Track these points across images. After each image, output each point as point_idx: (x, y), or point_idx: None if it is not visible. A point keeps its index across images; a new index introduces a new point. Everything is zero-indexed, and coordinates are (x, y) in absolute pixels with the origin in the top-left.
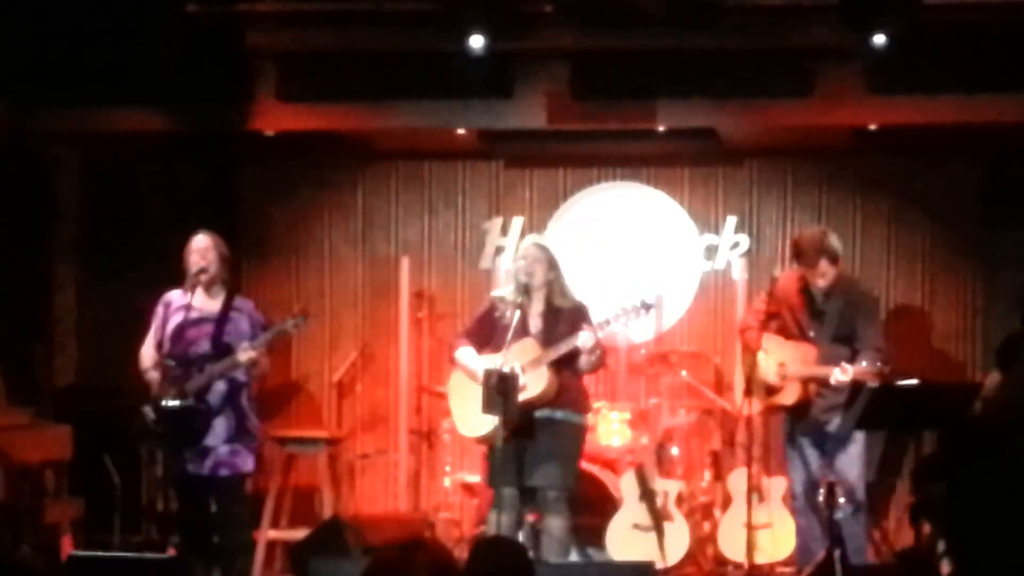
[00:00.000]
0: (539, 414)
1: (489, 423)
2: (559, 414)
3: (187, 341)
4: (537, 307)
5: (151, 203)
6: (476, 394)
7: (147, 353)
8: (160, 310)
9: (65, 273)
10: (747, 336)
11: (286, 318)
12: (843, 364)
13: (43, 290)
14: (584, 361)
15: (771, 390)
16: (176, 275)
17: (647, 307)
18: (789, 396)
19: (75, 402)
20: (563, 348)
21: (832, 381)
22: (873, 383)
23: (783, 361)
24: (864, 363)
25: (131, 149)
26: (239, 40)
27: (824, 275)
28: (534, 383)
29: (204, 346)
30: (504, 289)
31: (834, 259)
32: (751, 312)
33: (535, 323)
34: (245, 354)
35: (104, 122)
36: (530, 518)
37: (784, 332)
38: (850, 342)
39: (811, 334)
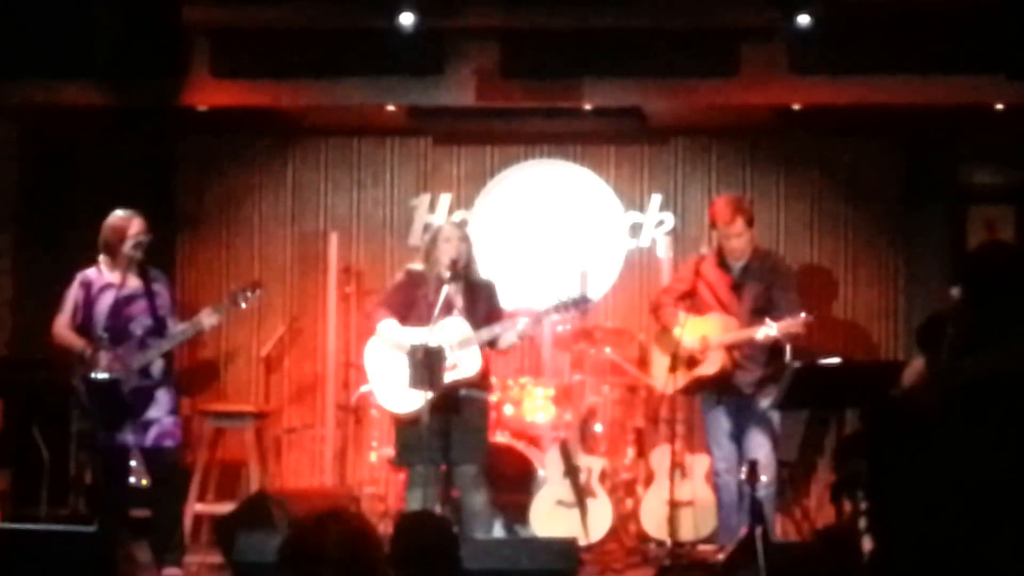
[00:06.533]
0: (464, 393)
1: (417, 399)
2: (474, 392)
3: (126, 318)
4: (457, 284)
5: (86, 176)
6: (398, 367)
7: (65, 333)
8: (79, 291)
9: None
10: (663, 313)
11: (236, 292)
12: (767, 320)
13: None
14: (505, 341)
15: (692, 362)
16: None
17: (585, 303)
18: (711, 366)
19: (5, 374)
20: (497, 331)
21: (759, 336)
22: (793, 337)
23: (704, 333)
24: (788, 318)
25: (67, 122)
26: (174, 15)
27: (740, 235)
28: (468, 363)
29: (145, 321)
30: (419, 264)
31: (749, 221)
32: (664, 291)
33: (458, 301)
34: (211, 319)
35: (40, 95)
36: (445, 495)
37: (701, 310)
38: (768, 312)
39: (730, 308)
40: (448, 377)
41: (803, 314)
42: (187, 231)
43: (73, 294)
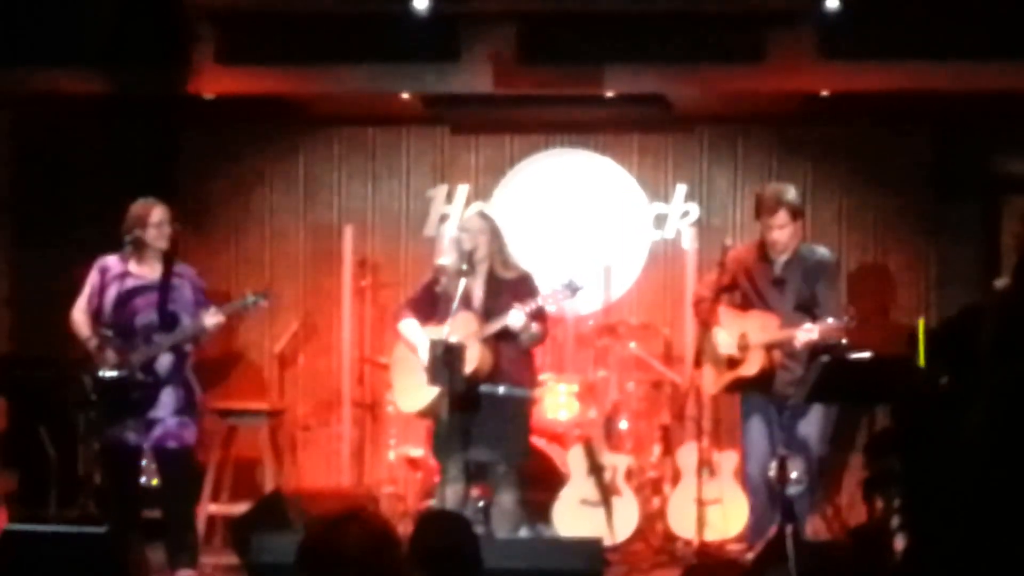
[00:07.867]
0: (483, 389)
1: (427, 396)
2: (501, 389)
3: (131, 311)
4: (480, 278)
5: (86, 168)
6: (417, 368)
7: (80, 319)
8: (96, 276)
9: None
10: (700, 308)
11: (247, 293)
12: (807, 324)
13: None
14: (523, 337)
15: (733, 362)
16: (112, 241)
17: (573, 290)
18: (752, 366)
19: (9, 372)
20: (496, 326)
21: (798, 341)
22: (834, 339)
23: (744, 332)
24: (830, 319)
25: (65, 111)
26: None
27: (782, 227)
28: (467, 359)
29: (150, 316)
30: (446, 258)
31: (794, 213)
32: (704, 284)
33: (477, 294)
34: (214, 319)
35: (36, 83)
36: (475, 492)
37: (743, 304)
38: (811, 309)
39: (772, 303)
40: None
41: (846, 318)
42: (190, 226)
43: (91, 279)
